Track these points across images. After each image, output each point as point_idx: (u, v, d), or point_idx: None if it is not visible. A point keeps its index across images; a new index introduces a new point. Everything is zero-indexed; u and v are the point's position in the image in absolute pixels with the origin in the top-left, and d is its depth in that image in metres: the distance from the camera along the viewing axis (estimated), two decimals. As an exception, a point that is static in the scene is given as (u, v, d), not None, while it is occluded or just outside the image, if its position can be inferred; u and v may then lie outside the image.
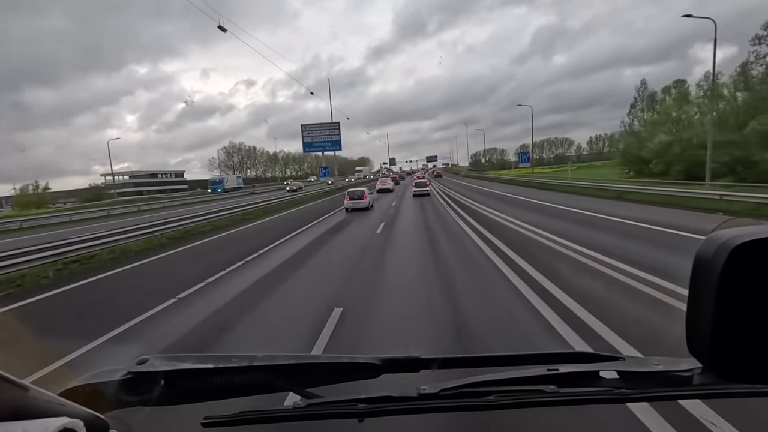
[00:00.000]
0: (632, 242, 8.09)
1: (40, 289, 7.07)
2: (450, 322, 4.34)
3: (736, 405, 2.46)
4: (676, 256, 6.56)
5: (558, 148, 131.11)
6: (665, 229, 9.34)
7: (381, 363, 0.67)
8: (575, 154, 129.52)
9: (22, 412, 0.47)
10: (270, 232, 12.74)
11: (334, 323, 4.39)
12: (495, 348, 3.70)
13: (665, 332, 3.71)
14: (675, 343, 1.77)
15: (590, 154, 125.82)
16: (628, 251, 7.10)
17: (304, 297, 5.63)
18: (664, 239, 8.29)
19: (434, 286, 5.68)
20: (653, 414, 2.53)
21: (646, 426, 2.45)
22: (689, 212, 11.99)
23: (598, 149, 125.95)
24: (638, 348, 3.48)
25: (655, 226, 9.77)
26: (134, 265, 8.72)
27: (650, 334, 3.82)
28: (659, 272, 5.60)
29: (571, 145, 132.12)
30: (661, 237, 8.57)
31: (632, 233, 9.16)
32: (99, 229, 11.76)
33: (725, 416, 2.45)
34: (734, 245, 0.45)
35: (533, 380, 0.64)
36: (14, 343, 4.70)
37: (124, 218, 24.25)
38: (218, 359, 0.66)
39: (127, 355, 1.06)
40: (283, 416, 0.64)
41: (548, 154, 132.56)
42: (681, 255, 6.41)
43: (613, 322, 4.03)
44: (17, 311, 5.87)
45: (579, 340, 3.70)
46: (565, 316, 4.27)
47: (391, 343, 3.87)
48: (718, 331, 0.48)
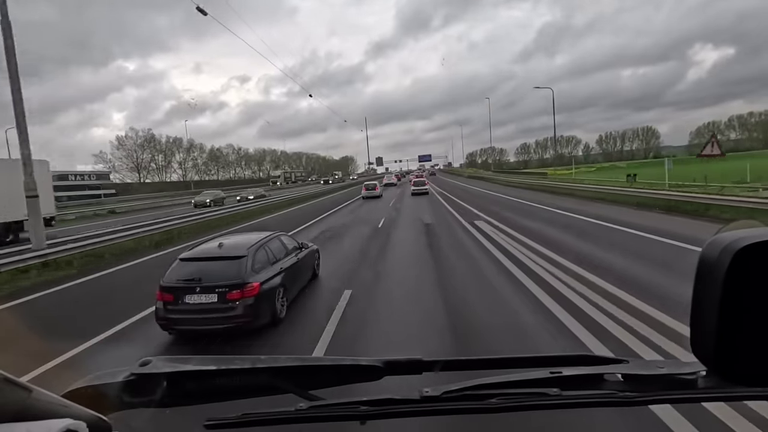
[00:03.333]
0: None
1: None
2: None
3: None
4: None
5: (564, 147, 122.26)
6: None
7: (383, 365, 0.69)
8: (582, 154, 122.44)
9: (26, 413, 0.49)
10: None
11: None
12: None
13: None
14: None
15: (600, 154, 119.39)
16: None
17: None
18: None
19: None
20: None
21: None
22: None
23: (608, 148, 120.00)
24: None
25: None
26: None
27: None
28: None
29: (578, 144, 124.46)
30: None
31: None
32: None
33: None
34: (738, 247, 0.46)
35: (536, 383, 0.65)
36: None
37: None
38: (221, 361, 0.70)
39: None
40: (285, 418, 0.66)
41: (551, 153, 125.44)
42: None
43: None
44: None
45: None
46: None
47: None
48: (723, 334, 0.48)
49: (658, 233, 9.65)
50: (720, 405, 2.59)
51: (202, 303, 4.63)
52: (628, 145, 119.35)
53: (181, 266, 4.99)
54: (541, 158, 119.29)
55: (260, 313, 4.83)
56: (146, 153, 76.80)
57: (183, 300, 4.66)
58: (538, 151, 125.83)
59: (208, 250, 5.32)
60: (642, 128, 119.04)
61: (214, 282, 4.68)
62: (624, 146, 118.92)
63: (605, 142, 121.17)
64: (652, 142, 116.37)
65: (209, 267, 4.92)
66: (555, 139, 48.61)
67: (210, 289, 4.64)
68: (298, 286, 6.22)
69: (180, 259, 5.13)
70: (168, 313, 4.70)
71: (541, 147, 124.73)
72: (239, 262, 4.90)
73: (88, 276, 9.00)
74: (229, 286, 4.64)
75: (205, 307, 4.62)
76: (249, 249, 5.16)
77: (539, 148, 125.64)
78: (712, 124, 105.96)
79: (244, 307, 4.62)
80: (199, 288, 4.66)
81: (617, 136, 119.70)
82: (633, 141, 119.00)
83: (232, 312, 4.58)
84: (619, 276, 6.33)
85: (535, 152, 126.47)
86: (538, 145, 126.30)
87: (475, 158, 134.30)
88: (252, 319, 4.71)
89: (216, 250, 5.26)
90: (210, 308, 4.61)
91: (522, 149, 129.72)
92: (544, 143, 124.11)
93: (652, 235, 9.59)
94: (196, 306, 4.64)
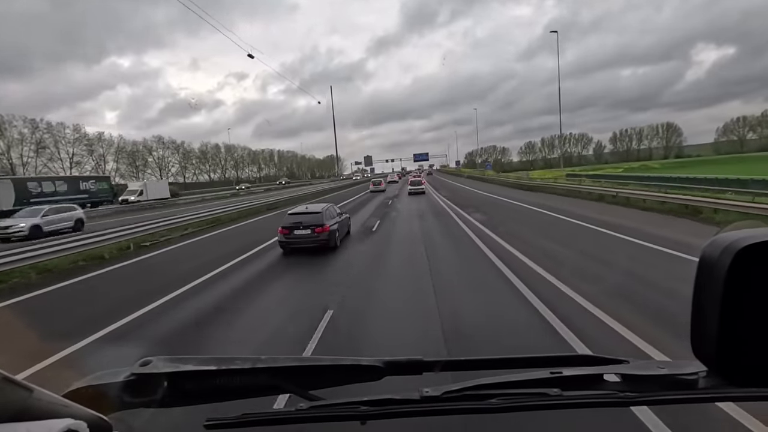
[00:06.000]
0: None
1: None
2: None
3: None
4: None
5: (573, 146, 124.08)
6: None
7: (383, 365, 0.75)
8: (593, 154, 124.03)
9: (27, 413, 0.53)
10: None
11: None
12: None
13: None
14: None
15: (613, 153, 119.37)
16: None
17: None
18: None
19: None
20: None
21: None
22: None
23: (623, 147, 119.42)
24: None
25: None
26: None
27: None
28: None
29: (588, 143, 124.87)
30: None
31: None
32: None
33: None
34: (739, 248, 0.50)
35: (536, 383, 0.71)
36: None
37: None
38: (221, 361, 0.75)
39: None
40: (285, 418, 0.71)
41: (557, 152, 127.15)
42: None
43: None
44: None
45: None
46: None
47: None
48: (724, 334, 0.52)
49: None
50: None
51: (302, 234, 10.31)
52: (645, 144, 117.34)
53: (289, 217, 10.73)
54: (545, 158, 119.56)
55: (330, 240, 10.54)
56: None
57: (293, 233, 10.36)
58: (544, 149, 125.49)
59: (302, 210, 11.18)
60: (662, 124, 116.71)
61: (307, 224, 10.37)
62: (641, 145, 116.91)
63: (619, 141, 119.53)
64: (674, 141, 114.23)
65: (304, 217, 10.60)
66: (561, 135, 51.33)
67: (306, 227, 10.32)
68: (342, 233, 11.98)
69: (288, 213, 10.97)
70: (285, 239, 10.45)
71: (548, 145, 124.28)
72: (319, 214, 10.62)
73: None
74: (315, 225, 10.32)
75: (304, 236, 10.30)
76: (322, 209, 10.96)
77: (545, 147, 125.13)
78: (743, 119, 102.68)
79: (322, 236, 10.31)
80: (301, 226, 10.36)
81: (633, 134, 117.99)
82: (652, 139, 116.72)
83: (317, 238, 10.27)
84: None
85: (540, 151, 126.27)
86: (544, 144, 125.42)
87: (474, 158, 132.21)
88: (326, 242, 10.42)
89: (305, 209, 11.10)
90: (306, 236, 10.29)
91: (527, 148, 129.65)
92: (551, 141, 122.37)
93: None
94: (299, 235, 10.33)
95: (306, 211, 11.17)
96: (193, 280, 8.11)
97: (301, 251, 10.62)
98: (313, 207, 11.58)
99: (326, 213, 11.14)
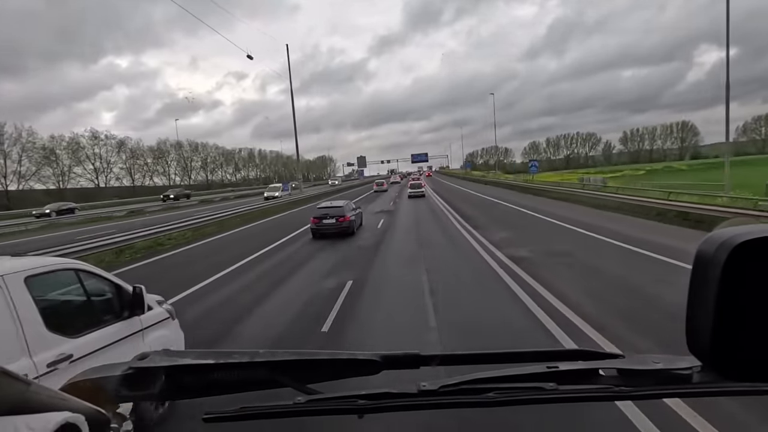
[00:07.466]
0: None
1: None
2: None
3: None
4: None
5: (581, 146, 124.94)
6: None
7: (381, 359, 0.78)
8: (602, 154, 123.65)
9: (24, 406, 0.55)
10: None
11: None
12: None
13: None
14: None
15: (622, 154, 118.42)
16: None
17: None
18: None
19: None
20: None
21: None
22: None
23: (634, 147, 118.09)
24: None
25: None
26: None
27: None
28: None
29: (597, 143, 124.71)
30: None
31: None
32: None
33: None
34: (735, 244, 0.52)
35: (533, 377, 0.74)
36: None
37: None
38: (219, 355, 0.78)
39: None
40: (283, 412, 0.75)
41: (565, 152, 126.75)
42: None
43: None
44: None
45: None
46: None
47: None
48: (718, 330, 0.55)
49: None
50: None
51: (330, 223, 14.23)
52: (658, 144, 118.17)
53: (318, 210, 14.72)
54: (549, 159, 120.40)
55: (350, 228, 14.52)
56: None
57: (322, 222, 14.29)
58: (549, 150, 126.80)
59: (327, 203, 15.28)
60: (676, 123, 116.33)
61: (333, 215, 14.31)
62: (654, 145, 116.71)
63: (631, 141, 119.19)
64: (690, 140, 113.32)
65: (330, 210, 14.57)
66: (542, 146, 55.16)
67: (332, 217, 14.25)
68: (358, 224, 15.85)
69: (317, 207, 15.06)
70: (316, 226, 14.41)
71: (553, 146, 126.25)
72: (342, 207, 14.64)
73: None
74: (339, 216, 14.27)
75: (330, 224, 14.22)
76: (343, 203, 15.00)
77: (550, 147, 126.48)
78: (764, 118, 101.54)
79: (344, 224, 14.26)
80: (328, 216, 14.30)
81: (645, 134, 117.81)
82: (666, 139, 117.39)
83: (340, 226, 14.24)
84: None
85: (545, 152, 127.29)
86: (549, 144, 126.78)
87: (475, 159, 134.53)
88: (347, 229, 14.37)
89: (330, 203, 15.20)
90: (332, 225, 14.21)
91: (531, 148, 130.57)
92: (556, 141, 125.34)
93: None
94: (327, 224, 14.24)
95: (331, 205, 15.42)
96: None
97: (327, 236, 14.78)
98: (336, 202, 15.88)
99: (347, 207, 15.30)
